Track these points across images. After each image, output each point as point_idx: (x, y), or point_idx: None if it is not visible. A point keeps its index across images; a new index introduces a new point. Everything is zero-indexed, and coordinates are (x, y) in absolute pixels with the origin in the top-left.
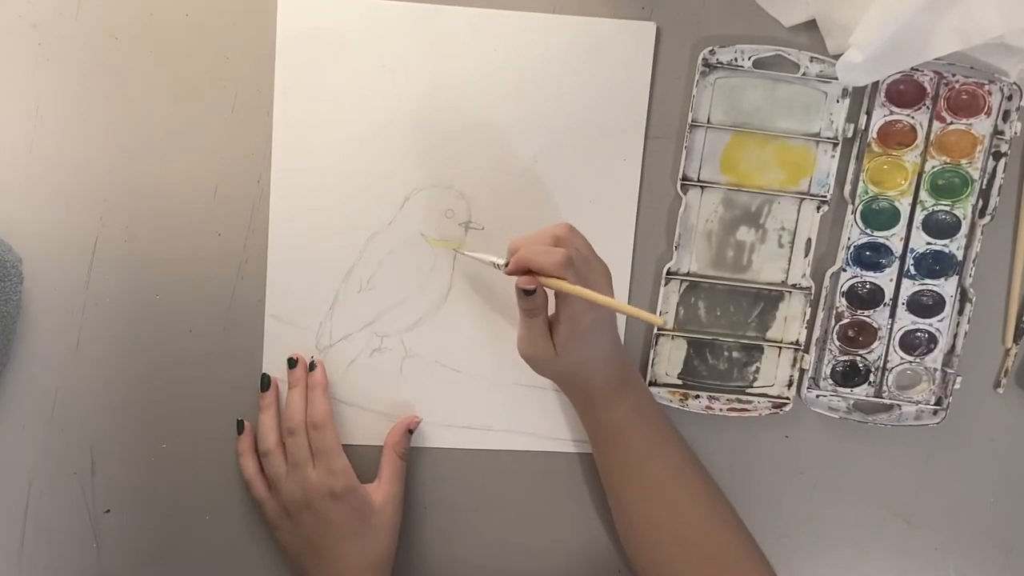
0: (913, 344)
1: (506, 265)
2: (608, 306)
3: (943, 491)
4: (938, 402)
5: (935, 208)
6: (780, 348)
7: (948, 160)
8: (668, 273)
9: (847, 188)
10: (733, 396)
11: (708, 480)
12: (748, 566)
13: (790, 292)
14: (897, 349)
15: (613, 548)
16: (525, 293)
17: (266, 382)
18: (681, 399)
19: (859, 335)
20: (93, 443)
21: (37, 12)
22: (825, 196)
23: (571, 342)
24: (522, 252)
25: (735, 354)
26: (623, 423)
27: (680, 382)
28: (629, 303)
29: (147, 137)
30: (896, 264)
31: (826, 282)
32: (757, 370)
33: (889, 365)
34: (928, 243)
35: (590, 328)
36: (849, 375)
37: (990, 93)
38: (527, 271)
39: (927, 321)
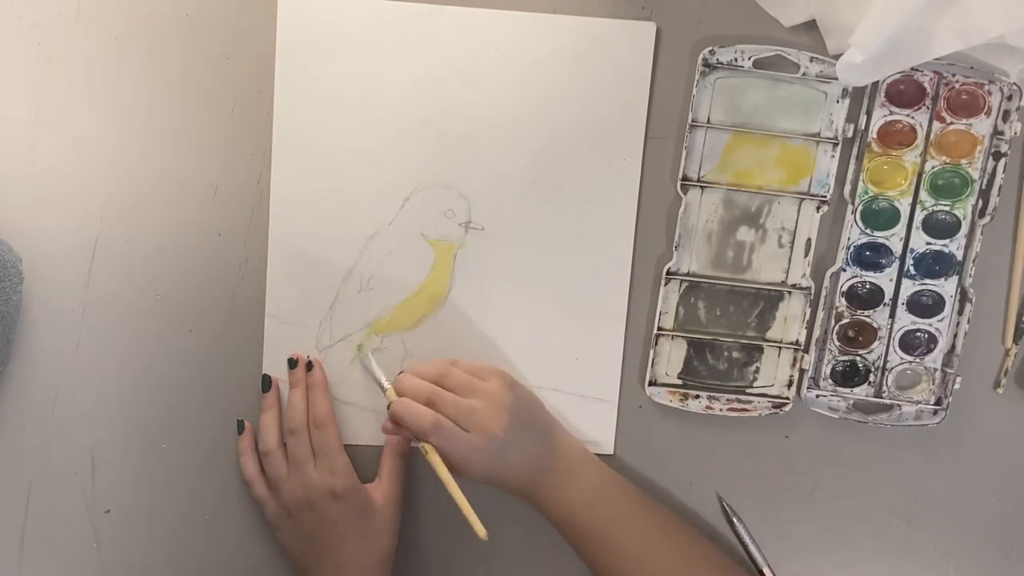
0: (913, 344)
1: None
2: (449, 490)
3: (943, 491)
4: (938, 402)
5: (935, 208)
6: (780, 348)
7: (948, 160)
8: (668, 273)
9: (847, 188)
10: (733, 396)
11: (689, 542)
12: None
13: (790, 292)
14: (897, 349)
15: None
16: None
17: (267, 383)
18: (681, 399)
19: (859, 335)
20: (93, 443)
21: (37, 12)
22: (825, 196)
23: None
24: (393, 408)
25: (735, 354)
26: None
27: (680, 382)
28: (629, 303)
29: (147, 138)
30: (896, 264)
31: (826, 282)
32: (757, 370)
33: (889, 365)
34: (928, 243)
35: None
36: (849, 375)
37: (990, 93)
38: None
39: (927, 321)
